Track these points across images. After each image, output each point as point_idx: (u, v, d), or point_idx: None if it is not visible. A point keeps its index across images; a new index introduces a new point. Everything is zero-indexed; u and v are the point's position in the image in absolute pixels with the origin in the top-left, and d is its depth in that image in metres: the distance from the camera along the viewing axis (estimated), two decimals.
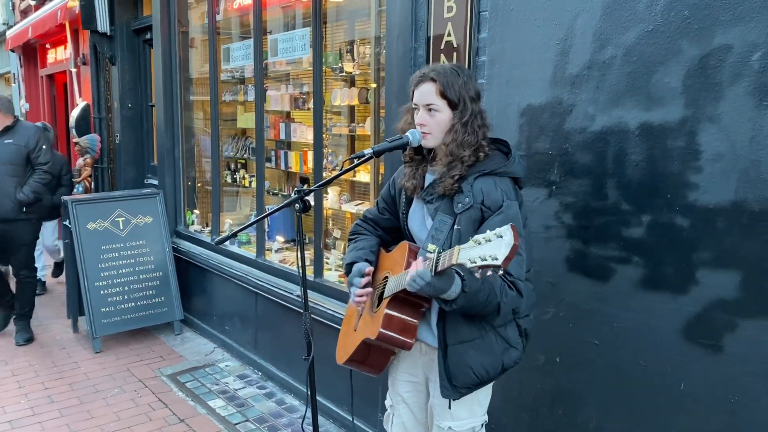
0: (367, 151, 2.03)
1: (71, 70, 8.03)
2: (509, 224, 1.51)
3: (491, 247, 1.50)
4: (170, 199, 5.68)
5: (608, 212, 2.31)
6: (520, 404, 2.68)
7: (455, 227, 1.90)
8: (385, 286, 2.06)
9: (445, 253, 1.67)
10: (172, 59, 5.57)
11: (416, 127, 2.00)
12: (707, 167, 2.04)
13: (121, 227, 5.21)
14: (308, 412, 2.32)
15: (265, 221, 4.73)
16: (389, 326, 1.97)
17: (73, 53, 7.97)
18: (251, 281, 4.45)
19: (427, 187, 2.05)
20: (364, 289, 2.08)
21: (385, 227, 2.30)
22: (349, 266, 2.18)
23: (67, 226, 5.11)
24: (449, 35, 2.79)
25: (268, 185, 4.92)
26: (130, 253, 5.20)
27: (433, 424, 2.15)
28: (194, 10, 5.65)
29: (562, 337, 2.50)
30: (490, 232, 1.52)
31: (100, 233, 5.10)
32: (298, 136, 4.62)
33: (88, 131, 7.17)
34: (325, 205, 4.22)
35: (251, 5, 4.56)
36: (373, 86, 3.90)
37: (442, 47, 2.83)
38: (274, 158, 4.90)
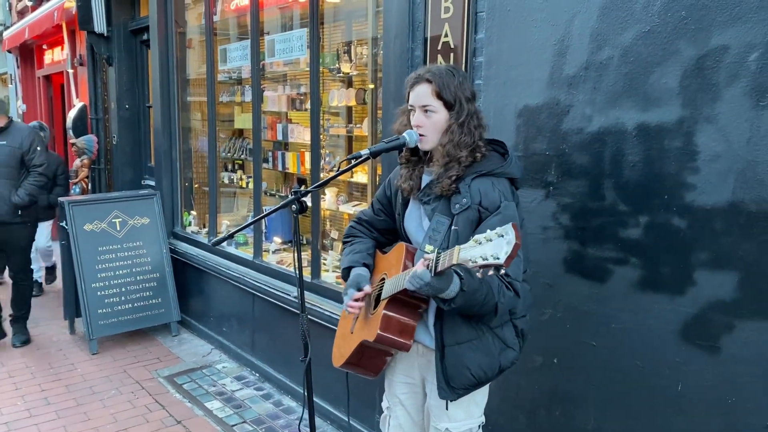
0: (364, 152, 2.03)
1: (68, 70, 8.01)
2: (510, 223, 1.51)
3: (492, 246, 1.49)
4: (167, 200, 5.67)
5: (605, 213, 2.31)
6: (517, 405, 2.68)
7: (452, 228, 1.90)
8: (381, 287, 2.06)
9: (445, 253, 1.67)
10: (169, 60, 5.56)
11: (412, 128, 2.00)
12: (704, 168, 2.04)
13: (118, 228, 5.20)
14: (305, 413, 2.31)
15: (262, 222, 4.72)
16: (387, 328, 1.96)
17: (70, 54, 7.95)
18: (248, 282, 4.44)
19: (423, 188, 2.04)
20: (357, 302, 2.07)
21: (380, 229, 2.29)
22: (346, 270, 2.17)
23: (63, 227, 5.09)
24: (446, 36, 2.79)
25: (265, 186, 4.91)
26: (127, 254, 5.19)
27: (429, 425, 2.15)
28: (191, 10, 5.64)
29: (559, 338, 2.50)
30: (490, 231, 1.52)
31: (97, 234, 5.09)
32: (295, 136, 4.61)
33: (85, 132, 7.15)
34: (322, 206, 4.22)
35: (248, 6, 4.55)
36: (370, 87, 3.90)
37: (439, 48, 2.83)
38: (271, 159, 4.90)
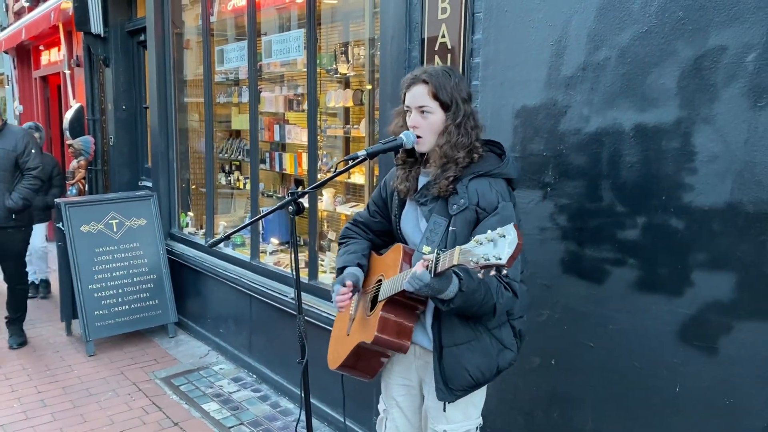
0: (361, 153, 2.02)
1: (65, 71, 8.00)
2: (512, 223, 1.51)
3: (494, 246, 1.49)
4: (164, 201, 5.66)
5: (603, 214, 2.31)
6: (515, 407, 2.67)
7: (450, 229, 1.90)
8: (378, 289, 2.05)
9: (445, 253, 1.66)
10: (166, 61, 5.55)
11: (409, 129, 1.99)
12: (702, 169, 2.03)
13: (114, 230, 5.18)
14: (302, 415, 2.30)
15: (259, 223, 4.71)
16: (385, 329, 1.95)
17: (66, 55, 7.93)
18: (245, 284, 4.43)
19: (420, 189, 2.04)
20: (342, 295, 2.07)
21: (376, 230, 2.29)
22: (340, 270, 2.17)
23: (60, 228, 5.08)
24: (443, 37, 2.78)
25: (262, 187, 4.90)
26: (123, 255, 5.17)
27: (427, 427, 2.14)
28: (188, 11, 5.63)
29: (557, 339, 2.49)
30: (491, 232, 1.51)
31: (93, 236, 5.07)
32: (292, 137, 4.61)
33: (81, 133, 7.14)
34: (319, 206, 4.21)
35: (245, 7, 4.55)
36: (367, 88, 3.89)
37: (436, 49, 2.82)
38: (268, 160, 4.89)
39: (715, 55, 1.98)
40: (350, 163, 2.08)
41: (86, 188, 7.16)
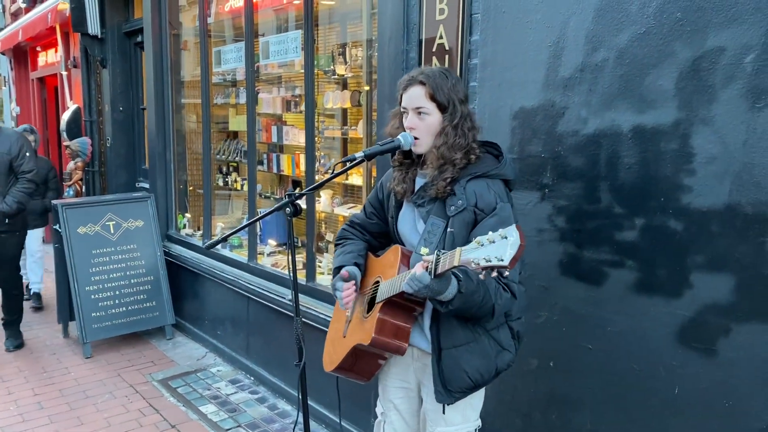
0: (358, 154, 2.02)
1: (62, 73, 7.98)
2: (513, 224, 1.51)
3: (496, 247, 1.49)
4: (161, 202, 5.64)
5: (601, 215, 2.30)
6: (513, 409, 2.67)
7: (448, 230, 1.90)
8: (375, 291, 2.04)
9: (445, 255, 1.65)
10: (163, 62, 5.54)
11: (406, 130, 1.99)
12: (701, 170, 2.03)
13: (111, 231, 5.17)
14: (300, 417, 2.29)
15: (257, 225, 4.70)
16: (382, 331, 1.95)
17: (63, 56, 7.92)
18: (243, 285, 4.42)
19: (418, 190, 2.04)
20: (347, 290, 2.07)
21: (372, 232, 2.28)
22: (337, 270, 2.16)
23: (57, 230, 5.06)
24: (441, 38, 2.78)
25: (260, 188, 4.89)
26: (121, 257, 5.16)
27: (425, 430, 2.13)
28: (185, 12, 5.62)
29: (555, 341, 2.48)
30: (493, 233, 1.51)
31: (90, 237, 5.06)
32: (290, 138, 4.60)
33: (79, 134, 7.12)
34: (317, 208, 4.20)
35: (242, 8, 4.54)
36: (365, 89, 3.88)
37: (434, 50, 2.82)
38: (266, 161, 4.88)
39: (713, 56, 1.98)
40: (348, 164, 2.08)
41: (83, 190, 7.14)
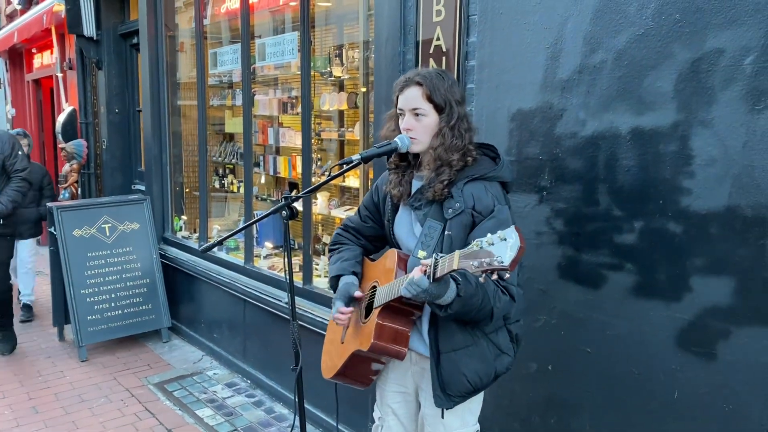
0: (355, 157, 2.00)
1: (57, 74, 7.95)
2: (512, 226, 1.50)
3: (496, 250, 1.48)
4: (157, 205, 5.62)
5: (600, 218, 2.29)
6: (511, 413, 2.65)
7: (446, 233, 1.88)
8: (372, 295, 2.03)
9: (443, 258, 1.64)
10: (159, 64, 5.51)
11: (402, 132, 1.97)
12: (700, 172, 2.02)
13: (107, 234, 5.14)
14: (297, 421, 2.28)
15: (253, 227, 4.68)
16: (381, 336, 1.93)
17: (59, 58, 7.89)
18: (239, 288, 4.39)
19: (414, 193, 2.02)
20: (346, 308, 2.05)
21: (367, 236, 2.26)
22: (334, 279, 2.15)
23: (52, 232, 5.03)
24: (438, 39, 2.76)
25: (256, 190, 4.87)
26: (116, 260, 5.13)
27: None
28: (181, 14, 5.60)
29: (554, 344, 2.47)
30: (492, 235, 1.50)
31: (86, 240, 5.03)
32: (286, 140, 4.58)
33: (74, 136, 7.09)
34: (314, 210, 4.18)
35: (239, 9, 4.52)
36: (362, 91, 3.87)
37: (431, 51, 2.80)
38: (262, 163, 4.86)
39: (712, 57, 1.97)
40: (344, 167, 2.06)
41: (79, 192, 7.10)
